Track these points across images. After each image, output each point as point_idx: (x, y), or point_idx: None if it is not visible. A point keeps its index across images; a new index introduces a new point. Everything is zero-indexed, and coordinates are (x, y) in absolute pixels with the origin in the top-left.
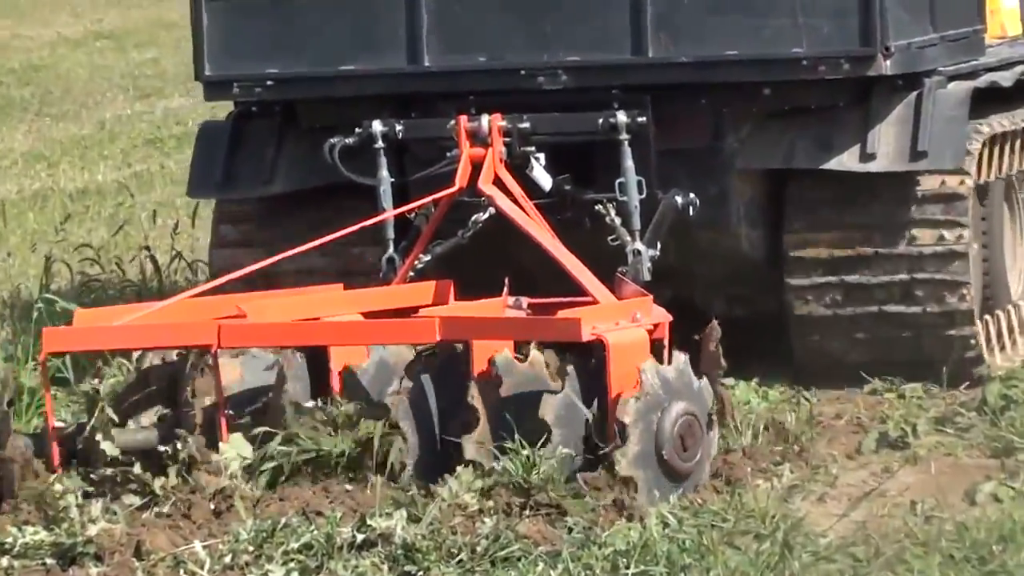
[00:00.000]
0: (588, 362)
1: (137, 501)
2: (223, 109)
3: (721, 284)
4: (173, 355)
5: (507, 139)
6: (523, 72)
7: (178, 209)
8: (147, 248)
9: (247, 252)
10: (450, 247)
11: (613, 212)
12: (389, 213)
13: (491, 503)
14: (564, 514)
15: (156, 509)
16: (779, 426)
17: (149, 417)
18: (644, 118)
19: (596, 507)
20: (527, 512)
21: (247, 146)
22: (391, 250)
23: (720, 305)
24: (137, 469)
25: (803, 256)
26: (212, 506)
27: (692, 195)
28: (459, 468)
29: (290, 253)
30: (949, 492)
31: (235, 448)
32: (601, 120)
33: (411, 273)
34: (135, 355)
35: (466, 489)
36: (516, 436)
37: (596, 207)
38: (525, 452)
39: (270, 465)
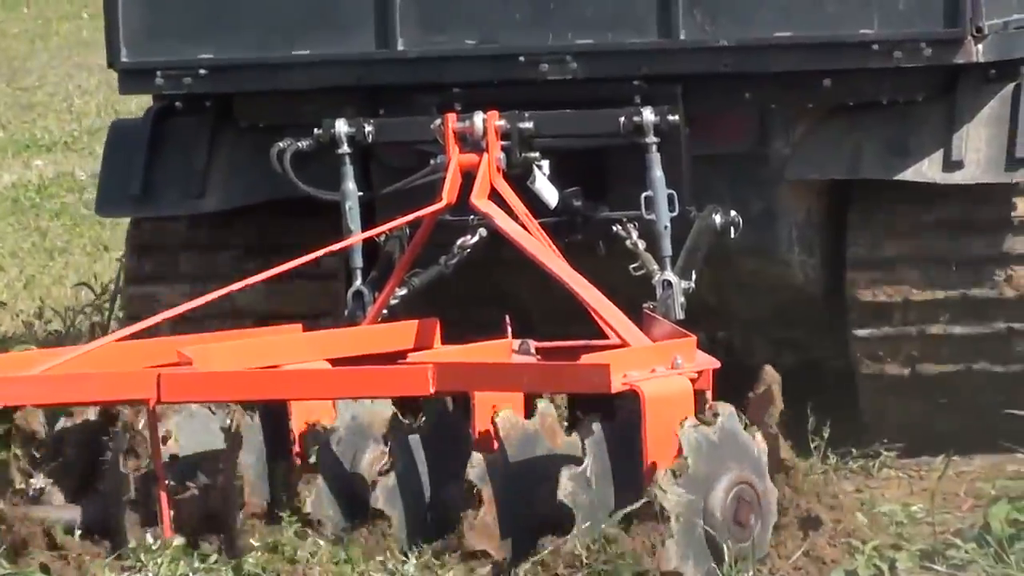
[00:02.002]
0: (615, 420)
1: None
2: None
3: (767, 324)
4: (90, 413)
5: (505, 143)
6: (522, 59)
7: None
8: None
9: (171, 287)
10: (430, 278)
11: (635, 234)
12: (357, 237)
13: None
14: None
15: None
16: None
17: (66, 491)
18: (676, 116)
19: None
20: None
21: (171, 151)
22: (359, 282)
23: (765, 351)
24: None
25: (871, 298)
26: None
27: (733, 213)
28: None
29: (229, 289)
30: None
31: None
32: (623, 119)
33: (383, 311)
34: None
35: None
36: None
37: (614, 228)
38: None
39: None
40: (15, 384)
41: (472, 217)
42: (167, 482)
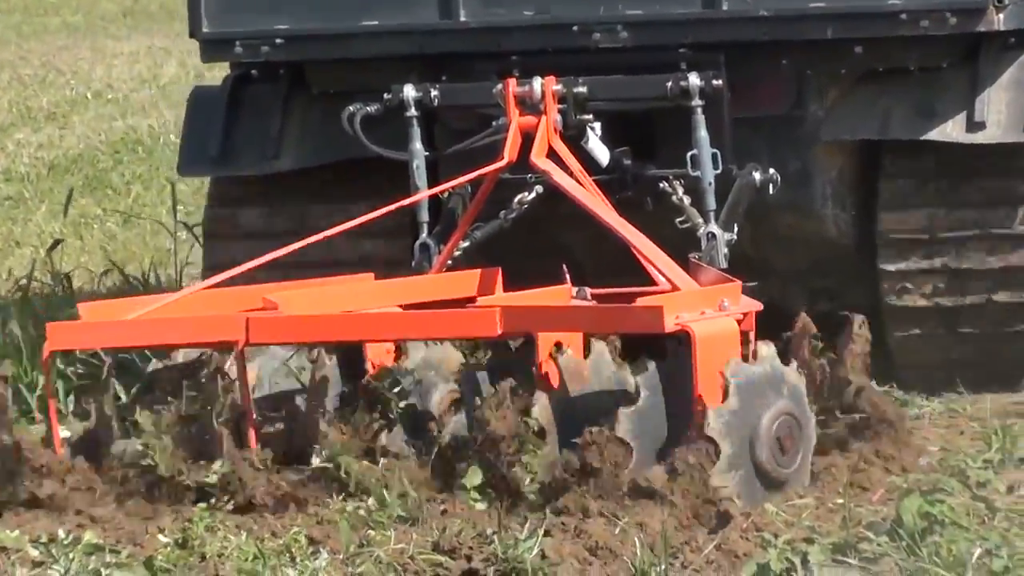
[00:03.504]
0: (666, 358)
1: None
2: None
3: (803, 275)
4: (180, 356)
5: (561, 106)
6: (576, 28)
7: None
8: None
9: (248, 241)
10: (491, 232)
11: (681, 190)
12: (424, 193)
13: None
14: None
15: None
16: None
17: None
18: (719, 81)
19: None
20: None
21: (248, 115)
22: (425, 235)
23: (801, 299)
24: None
25: (900, 240)
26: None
27: (772, 171)
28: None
29: (307, 241)
30: None
31: None
32: (670, 83)
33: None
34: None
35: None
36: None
37: (661, 185)
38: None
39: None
40: (115, 328)
41: (529, 175)
42: (255, 418)
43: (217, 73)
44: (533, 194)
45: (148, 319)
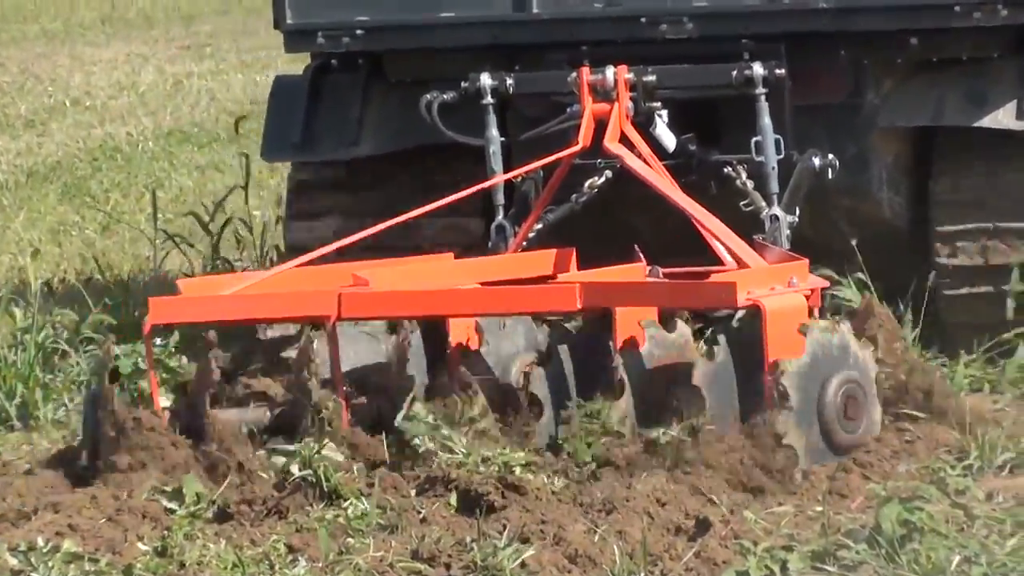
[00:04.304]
0: (736, 332)
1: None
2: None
3: (858, 255)
4: (268, 331)
5: (631, 94)
6: (644, 20)
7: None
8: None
9: (328, 222)
10: (563, 214)
11: (744, 175)
12: (501, 176)
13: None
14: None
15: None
16: None
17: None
18: (782, 70)
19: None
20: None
21: (328, 103)
22: (501, 217)
23: (857, 278)
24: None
25: (952, 227)
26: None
27: (831, 156)
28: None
29: (391, 223)
30: None
31: None
32: (735, 72)
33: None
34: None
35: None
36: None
37: (724, 169)
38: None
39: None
40: (213, 303)
41: (599, 160)
42: (344, 389)
43: (197, 81)
44: (603, 179)
45: (245, 294)
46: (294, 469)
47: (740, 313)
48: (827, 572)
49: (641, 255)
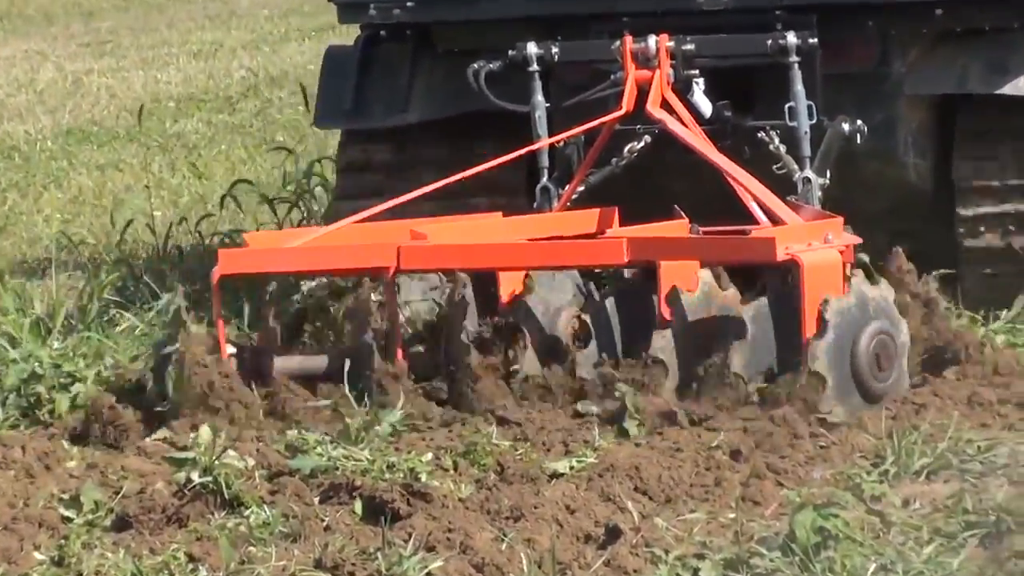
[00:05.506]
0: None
1: None
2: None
3: (885, 217)
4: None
5: (671, 61)
6: None
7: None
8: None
9: (377, 184)
10: (604, 177)
11: (777, 139)
12: (546, 140)
13: None
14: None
15: None
16: None
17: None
18: (814, 39)
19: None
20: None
21: (378, 72)
22: (545, 179)
23: (883, 239)
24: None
25: (974, 186)
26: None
27: (859, 122)
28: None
29: (439, 184)
30: None
31: None
32: (770, 41)
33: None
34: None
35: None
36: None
37: (758, 134)
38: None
39: None
40: (279, 255)
41: (638, 126)
42: (403, 337)
43: (97, 79)
44: (642, 143)
45: (309, 247)
46: (194, 476)
47: None
48: None
49: (682, 214)
